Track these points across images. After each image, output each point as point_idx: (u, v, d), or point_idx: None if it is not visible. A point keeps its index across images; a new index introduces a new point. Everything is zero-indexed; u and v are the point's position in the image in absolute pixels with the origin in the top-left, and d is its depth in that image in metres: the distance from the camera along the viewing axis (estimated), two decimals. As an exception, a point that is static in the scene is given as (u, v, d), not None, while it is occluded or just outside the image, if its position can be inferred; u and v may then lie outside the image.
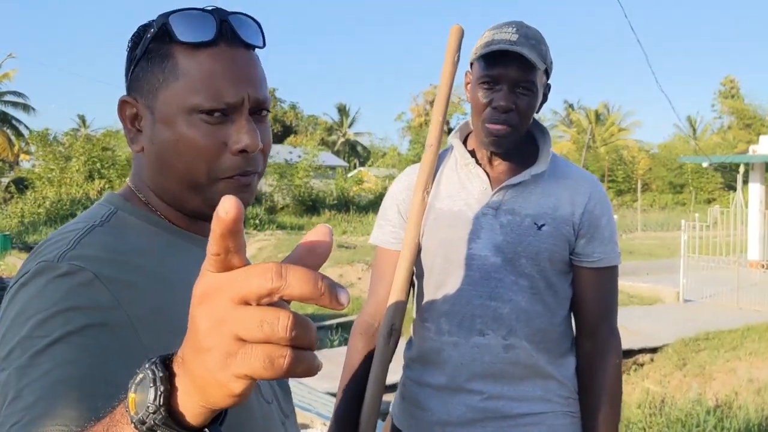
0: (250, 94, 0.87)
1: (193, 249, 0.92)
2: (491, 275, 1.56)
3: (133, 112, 0.90)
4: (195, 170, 0.87)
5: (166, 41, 0.86)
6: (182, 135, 0.85)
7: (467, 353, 1.56)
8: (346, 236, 19.67)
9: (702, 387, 6.59)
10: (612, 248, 1.62)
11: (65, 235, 0.81)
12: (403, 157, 38.09)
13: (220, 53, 0.86)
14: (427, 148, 1.67)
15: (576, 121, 49.22)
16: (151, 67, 0.87)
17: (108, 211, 0.88)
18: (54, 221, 19.79)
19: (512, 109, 1.50)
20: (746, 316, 9.16)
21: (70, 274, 0.74)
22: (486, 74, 1.52)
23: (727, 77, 52.87)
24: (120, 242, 0.83)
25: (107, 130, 28.49)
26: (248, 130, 0.86)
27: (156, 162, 0.89)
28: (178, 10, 0.86)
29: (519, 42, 1.48)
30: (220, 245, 0.44)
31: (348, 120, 58.34)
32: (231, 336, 0.43)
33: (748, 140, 36.65)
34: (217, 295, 0.44)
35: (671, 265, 13.41)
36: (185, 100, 0.85)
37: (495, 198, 1.58)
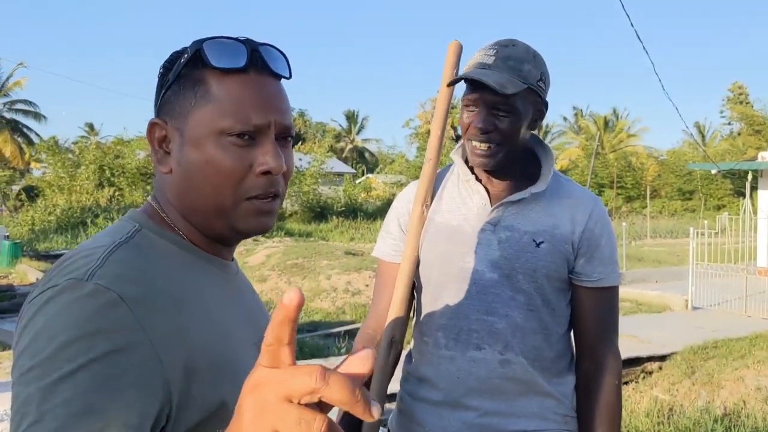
0: (277, 119, 0.91)
1: (212, 270, 0.95)
2: (488, 290, 1.56)
3: (162, 134, 0.93)
4: (222, 191, 0.89)
5: (199, 66, 0.90)
6: (211, 156, 0.88)
7: (463, 367, 1.56)
8: (353, 243, 19.68)
9: (710, 395, 6.56)
10: (612, 268, 1.61)
11: (94, 251, 0.82)
12: (411, 164, 38.10)
13: (250, 80, 0.90)
14: (426, 162, 1.70)
15: (585, 128, 49.09)
16: (183, 91, 0.90)
17: (132, 228, 0.91)
18: (64, 229, 19.89)
19: (491, 131, 1.52)
20: (755, 324, 9.10)
21: (97, 294, 0.76)
22: (466, 97, 1.55)
23: (735, 83, 52.68)
24: (143, 262, 0.85)
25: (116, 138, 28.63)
26: (274, 153, 0.90)
27: (183, 183, 0.91)
28: (212, 38, 0.90)
29: (494, 65, 1.50)
30: (276, 333, 0.50)
31: (356, 127, 58.45)
32: (270, 428, 0.49)
33: (757, 146, 36.44)
34: (265, 388, 0.50)
35: (680, 273, 13.35)
36: (215, 122, 0.88)
37: (494, 214, 1.59)
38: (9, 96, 37.30)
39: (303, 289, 12.22)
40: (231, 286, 0.99)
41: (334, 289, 12.06)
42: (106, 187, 24.00)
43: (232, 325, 0.93)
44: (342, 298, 11.64)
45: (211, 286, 0.93)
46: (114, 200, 23.43)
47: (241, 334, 0.94)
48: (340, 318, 10.57)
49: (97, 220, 19.98)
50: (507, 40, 1.57)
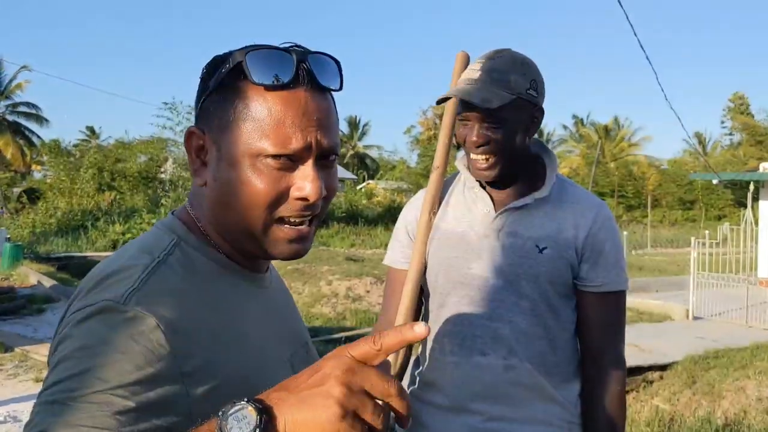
0: (319, 140, 0.85)
1: (249, 288, 0.93)
2: (492, 296, 1.57)
3: (200, 144, 0.89)
4: (253, 213, 0.85)
5: (241, 78, 0.84)
6: (246, 178, 0.84)
7: (468, 373, 1.57)
8: (354, 249, 19.69)
9: (711, 405, 6.55)
10: (617, 273, 1.61)
11: (133, 269, 0.80)
12: (412, 170, 38.12)
13: (293, 97, 0.84)
14: (433, 170, 1.72)
15: (586, 136, 49.13)
16: (222, 103, 0.86)
17: (171, 241, 0.88)
18: (65, 232, 19.88)
19: (486, 143, 1.53)
20: (755, 334, 9.10)
21: (135, 319, 0.75)
22: (459, 113, 1.58)
23: (736, 94, 52.73)
24: (183, 284, 0.83)
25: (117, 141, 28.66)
26: (312, 179, 0.84)
27: (218, 199, 0.88)
28: (257, 47, 0.84)
29: (479, 79, 1.52)
30: (388, 346, 0.64)
31: (357, 133, 58.53)
32: (353, 407, 0.61)
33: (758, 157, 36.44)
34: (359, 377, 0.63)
35: (681, 282, 13.35)
36: (252, 143, 0.83)
37: (498, 220, 1.60)
38: (11, 99, 37.36)
39: (304, 294, 12.23)
40: (266, 300, 0.97)
41: (334, 294, 12.06)
42: (107, 190, 23.99)
43: (267, 346, 0.92)
44: (343, 304, 11.64)
45: (249, 306, 0.92)
46: (115, 204, 23.43)
47: (275, 353, 0.93)
48: (341, 323, 10.57)
49: (98, 224, 19.97)
50: (494, 51, 1.58)
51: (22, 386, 6.36)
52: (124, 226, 19.33)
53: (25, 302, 10.56)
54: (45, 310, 10.32)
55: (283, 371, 0.90)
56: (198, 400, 0.76)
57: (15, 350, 7.59)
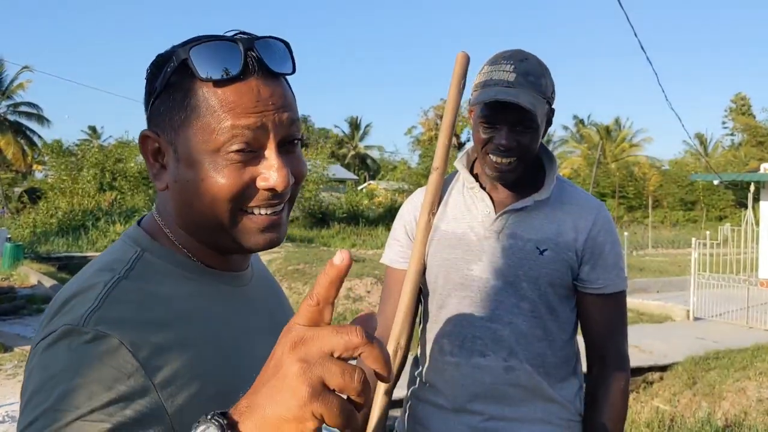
0: (277, 126, 0.82)
1: (222, 288, 0.90)
2: (492, 298, 1.57)
3: (155, 146, 0.85)
4: (220, 210, 0.82)
5: (188, 75, 0.81)
6: (206, 176, 0.81)
7: (468, 374, 1.57)
8: (355, 249, 19.70)
9: (711, 406, 6.54)
10: (617, 274, 1.62)
11: (92, 288, 0.78)
12: (413, 171, 38.10)
13: (245, 88, 0.80)
14: (433, 171, 1.71)
15: (586, 137, 49.12)
16: (172, 102, 0.82)
17: (134, 254, 0.85)
18: (66, 232, 19.88)
19: (514, 147, 1.52)
20: (756, 335, 9.09)
21: (96, 340, 0.72)
22: (486, 115, 1.54)
23: (738, 94, 52.74)
24: (146, 298, 0.80)
25: (118, 141, 28.68)
26: (277, 167, 0.82)
27: (182, 201, 0.85)
28: (199, 41, 0.80)
29: (517, 83, 1.49)
30: (324, 293, 0.55)
31: (359, 133, 58.56)
32: (318, 380, 0.53)
33: (759, 158, 36.50)
34: (309, 343, 0.54)
35: (681, 283, 13.34)
36: (208, 140, 0.80)
37: (498, 222, 1.60)
38: (13, 98, 37.39)
39: (304, 295, 12.23)
40: (244, 298, 0.94)
41: (335, 295, 12.05)
42: (107, 190, 24.00)
43: (246, 344, 0.89)
44: (343, 305, 11.63)
45: (222, 308, 0.89)
46: (116, 203, 23.45)
47: (255, 350, 0.88)
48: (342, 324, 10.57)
49: (99, 224, 19.99)
50: (518, 52, 1.57)
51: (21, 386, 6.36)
52: (125, 226, 19.31)
53: (25, 302, 10.57)
54: (45, 310, 10.29)
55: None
56: (177, 411, 0.75)
57: (14, 350, 7.60)
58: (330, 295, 0.55)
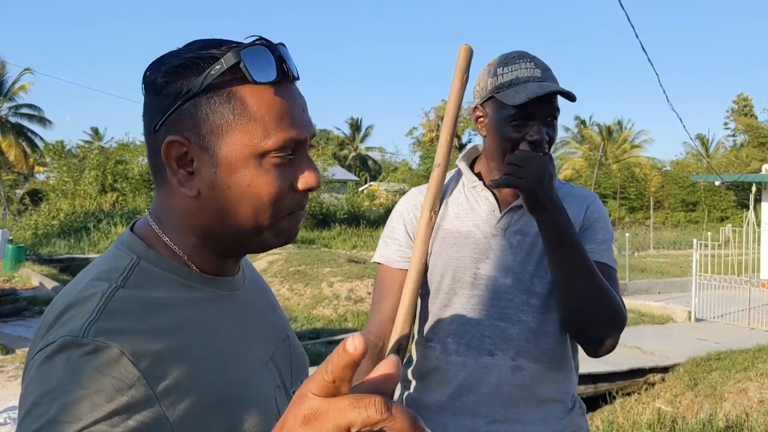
0: (310, 131, 0.86)
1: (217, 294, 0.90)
2: (501, 296, 1.57)
3: (182, 152, 0.83)
4: (262, 213, 0.84)
5: (234, 78, 0.81)
6: (253, 180, 0.82)
7: (474, 373, 1.56)
8: (356, 251, 19.69)
9: (713, 407, 6.54)
10: (604, 248, 1.60)
11: (90, 299, 0.77)
12: (414, 172, 38.10)
13: (282, 92, 0.83)
14: (435, 168, 1.68)
15: (588, 138, 49.10)
16: (213, 106, 0.81)
17: (130, 262, 0.84)
18: (68, 233, 19.91)
19: (546, 141, 1.54)
20: (758, 336, 9.08)
21: (97, 351, 0.72)
22: (520, 113, 1.52)
23: (740, 95, 52.62)
24: (143, 307, 0.79)
25: (120, 143, 28.71)
26: (313, 169, 0.86)
27: (218, 206, 0.84)
28: (246, 46, 0.82)
29: (546, 77, 1.54)
30: (339, 375, 0.49)
31: (360, 135, 58.57)
32: None
33: (761, 158, 36.44)
34: (325, 418, 0.49)
35: (683, 284, 13.34)
36: (258, 143, 0.81)
37: (504, 219, 1.60)
38: (14, 100, 37.42)
39: (305, 296, 12.23)
40: (238, 304, 0.94)
41: (336, 296, 12.06)
42: (109, 192, 24.04)
43: (243, 351, 0.89)
44: (344, 306, 11.63)
45: (218, 315, 0.88)
46: (117, 205, 23.48)
47: (252, 356, 0.89)
48: (342, 325, 10.57)
49: (101, 225, 20.02)
50: (526, 53, 1.59)
51: (23, 388, 6.36)
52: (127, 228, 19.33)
53: (27, 304, 10.57)
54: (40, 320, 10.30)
55: (265, 373, 0.90)
56: (179, 419, 0.74)
57: (16, 352, 7.61)
58: (346, 376, 0.50)
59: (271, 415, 0.85)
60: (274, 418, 0.84)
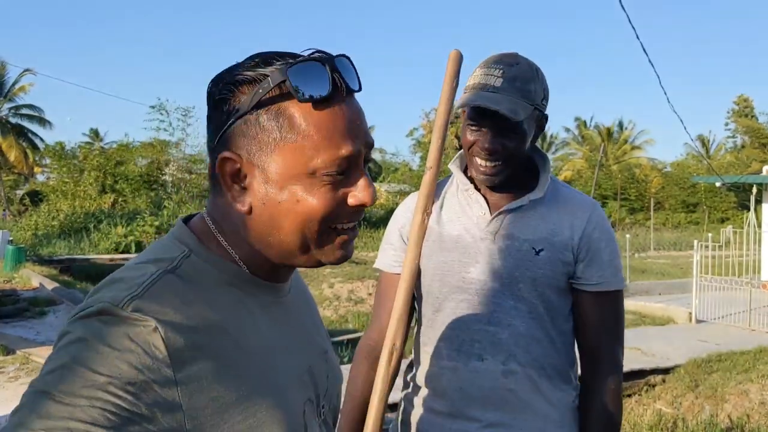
0: (366, 147, 0.85)
1: (263, 299, 0.90)
2: (490, 300, 1.56)
3: (236, 168, 0.84)
4: (311, 230, 0.84)
5: (282, 96, 0.82)
6: (302, 198, 0.82)
7: (466, 378, 1.55)
8: (356, 252, 19.68)
9: (714, 409, 6.53)
10: (612, 272, 1.59)
11: (138, 276, 0.79)
12: (415, 173, 38.11)
13: (336, 109, 0.82)
14: (427, 170, 1.67)
15: (588, 139, 49.11)
16: (262, 123, 0.82)
17: (181, 253, 0.85)
18: (68, 234, 19.90)
19: (498, 151, 1.52)
20: (758, 338, 9.08)
21: (132, 322, 0.74)
22: (471, 118, 1.55)
23: (740, 96, 52.60)
24: (186, 295, 0.80)
25: (120, 144, 28.70)
26: (367, 186, 0.85)
27: (269, 222, 0.84)
28: (294, 62, 0.82)
29: (502, 88, 1.49)
30: None
31: (360, 136, 58.48)
32: None
33: (762, 160, 36.46)
34: None
35: (683, 285, 13.34)
36: (305, 162, 0.81)
37: (494, 223, 1.59)
38: (14, 101, 37.42)
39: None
40: (281, 312, 0.94)
41: (337, 297, 12.07)
42: (109, 192, 24.04)
43: (278, 358, 0.89)
44: (345, 307, 11.64)
45: (259, 320, 0.89)
46: (117, 206, 23.48)
47: (286, 365, 0.89)
48: (343, 326, 10.57)
49: (101, 226, 20.00)
50: (510, 56, 1.56)
51: (24, 389, 6.32)
52: (127, 229, 19.33)
53: (27, 305, 10.56)
54: (47, 312, 10.33)
55: (298, 385, 0.90)
56: (193, 410, 0.75)
57: (17, 353, 7.59)
58: None
59: (296, 427, 0.85)
60: (299, 430, 0.85)
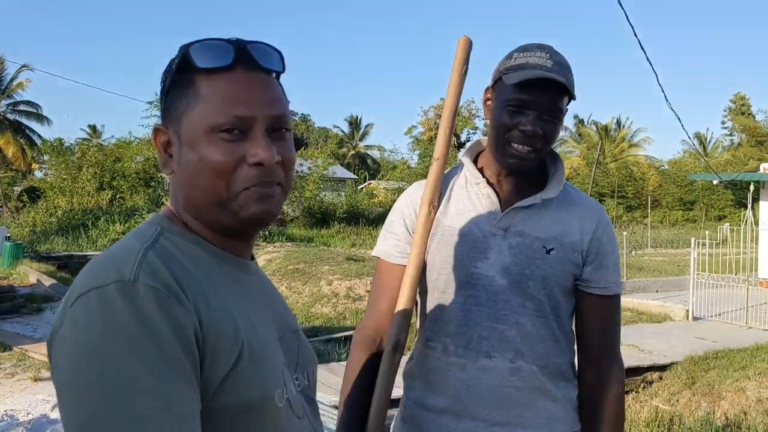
0: (265, 112, 0.93)
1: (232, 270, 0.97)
2: (498, 297, 1.54)
3: (165, 139, 0.97)
4: (217, 186, 0.92)
5: (188, 69, 0.93)
6: (204, 154, 0.91)
7: (474, 375, 1.54)
8: (355, 249, 19.67)
9: (711, 406, 6.55)
10: (616, 277, 1.62)
11: (129, 253, 0.85)
12: (413, 171, 38.09)
13: (236, 77, 0.93)
14: (434, 162, 1.65)
15: (586, 136, 49.11)
16: (177, 95, 0.95)
17: (155, 231, 0.93)
18: (65, 231, 19.87)
19: (539, 135, 1.50)
20: (755, 335, 9.10)
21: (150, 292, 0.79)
22: (516, 98, 1.50)
23: (737, 94, 52.73)
24: (172, 263, 0.87)
25: (119, 140, 28.64)
26: (263, 145, 0.91)
27: (184, 183, 0.95)
28: (199, 41, 0.94)
29: (553, 69, 1.48)
30: None
31: (359, 133, 58.57)
32: None
33: (759, 157, 36.51)
34: None
35: (681, 283, 13.34)
36: (205, 121, 0.91)
37: (505, 219, 1.57)
38: (12, 97, 37.29)
39: (304, 294, 12.22)
40: (252, 284, 1.01)
41: (335, 294, 12.06)
42: (106, 189, 23.99)
43: (258, 321, 0.95)
44: (343, 304, 11.63)
45: (233, 283, 0.96)
46: (115, 203, 23.43)
47: (264, 328, 0.96)
48: (341, 323, 10.56)
49: (98, 223, 19.97)
50: (546, 45, 1.55)
51: (20, 385, 6.36)
52: (125, 226, 19.30)
53: (25, 301, 10.54)
54: (44, 309, 10.32)
55: (274, 345, 0.97)
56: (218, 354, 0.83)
57: (14, 349, 7.58)
58: None
59: (278, 384, 0.92)
60: (280, 386, 0.92)
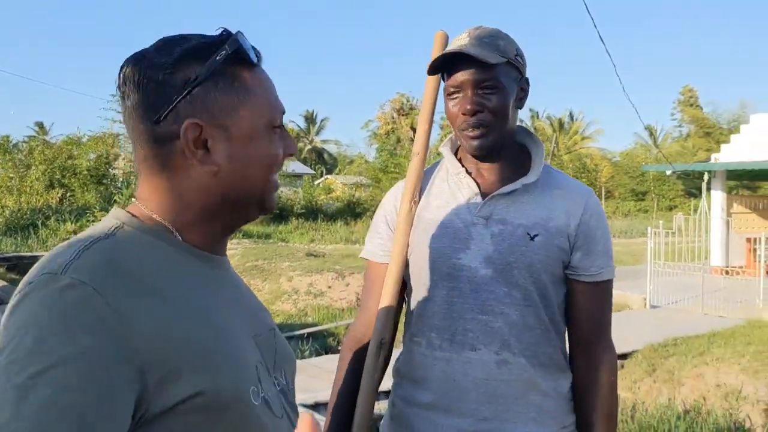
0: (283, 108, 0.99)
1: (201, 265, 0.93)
2: (482, 287, 1.50)
3: (197, 134, 0.90)
4: (267, 177, 0.95)
5: (231, 62, 0.91)
6: (265, 147, 0.94)
7: (459, 369, 1.50)
8: (314, 244, 19.54)
9: (671, 392, 6.67)
10: (607, 261, 1.57)
11: (71, 246, 0.83)
12: (371, 165, 38.07)
13: (264, 73, 0.97)
14: (413, 156, 1.64)
15: (540, 130, 49.80)
16: (221, 88, 0.90)
17: (114, 224, 0.90)
18: (14, 231, 19.30)
19: (481, 111, 1.48)
20: (711, 321, 9.32)
21: (72, 287, 0.75)
22: (448, 86, 1.51)
23: (686, 87, 54.06)
24: (121, 254, 0.83)
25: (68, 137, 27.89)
26: (293, 139, 0.99)
27: (237, 176, 0.92)
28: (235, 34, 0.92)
29: (469, 44, 1.47)
30: None
31: (315, 128, 58.29)
32: None
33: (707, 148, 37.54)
34: None
35: (637, 272, 13.61)
36: (263, 116, 0.93)
37: (485, 208, 1.53)
38: (-46, 94, 36.04)
39: (264, 291, 12.07)
40: (223, 280, 0.98)
41: (295, 291, 11.94)
42: (57, 188, 23.37)
43: (230, 319, 0.92)
44: (304, 300, 11.53)
45: (197, 277, 0.92)
46: (66, 201, 22.84)
47: (235, 325, 0.92)
48: (303, 320, 10.48)
49: (48, 222, 19.44)
50: (477, 27, 1.54)
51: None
52: (76, 225, 18.82)
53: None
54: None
55: (249, 344, 0.93)
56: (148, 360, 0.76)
57: (-38, 355, 7.30)
58: None
59: (250, 381, 0.88)
60: (254, 384, 0.88)
